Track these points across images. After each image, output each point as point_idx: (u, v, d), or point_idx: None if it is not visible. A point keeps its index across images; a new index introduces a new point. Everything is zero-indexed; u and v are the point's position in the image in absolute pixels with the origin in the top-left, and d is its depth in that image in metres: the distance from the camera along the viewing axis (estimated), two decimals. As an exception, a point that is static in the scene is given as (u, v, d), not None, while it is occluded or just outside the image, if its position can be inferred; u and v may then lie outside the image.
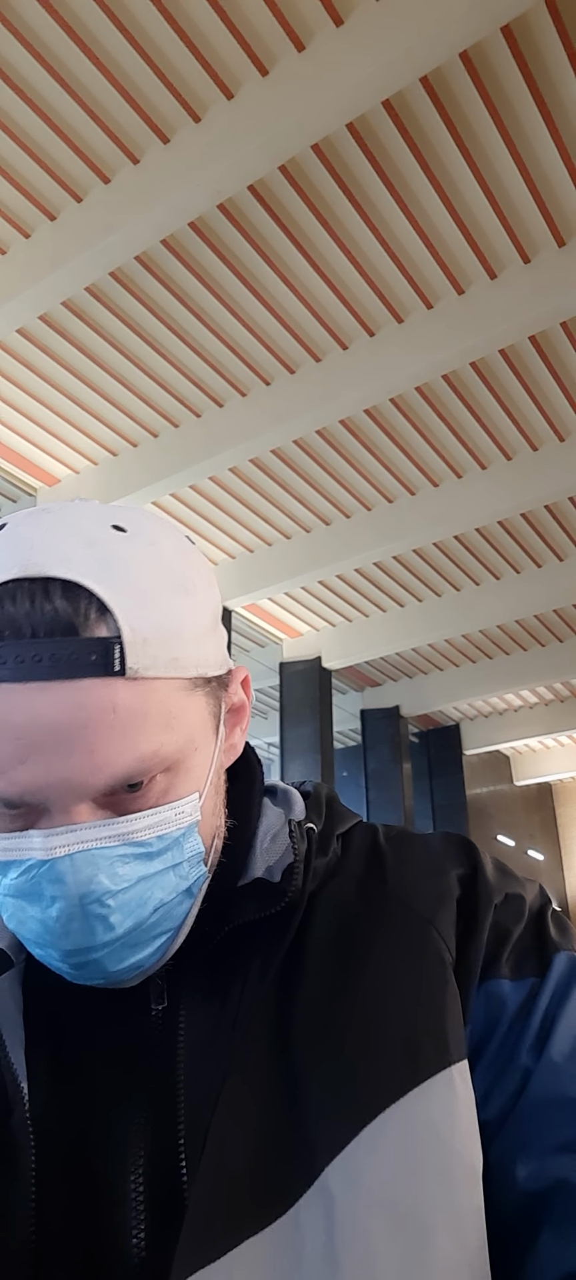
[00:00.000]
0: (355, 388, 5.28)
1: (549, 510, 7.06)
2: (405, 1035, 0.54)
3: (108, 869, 0.51)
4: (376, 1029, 0.55)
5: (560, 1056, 0.54)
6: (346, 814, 0.69)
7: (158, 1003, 0.58)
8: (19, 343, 5.23)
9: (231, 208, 4.38)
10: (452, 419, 5.96)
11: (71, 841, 0.50)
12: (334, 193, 4.32)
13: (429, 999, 0.56)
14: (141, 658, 0.50)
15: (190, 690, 0.54)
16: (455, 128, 4.00)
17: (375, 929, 0.59)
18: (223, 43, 3.61)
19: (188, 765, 0.55)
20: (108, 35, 3.58)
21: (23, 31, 3.57)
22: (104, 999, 0.57)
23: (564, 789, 15.14)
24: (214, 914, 0.58)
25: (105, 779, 0.50)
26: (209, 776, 0.57)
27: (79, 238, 4.28)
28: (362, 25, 3.47)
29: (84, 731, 0.49)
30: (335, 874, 0.63)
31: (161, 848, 0.54)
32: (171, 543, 0.57)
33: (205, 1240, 0.48)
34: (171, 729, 0.53)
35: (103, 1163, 0.53)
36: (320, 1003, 0.56)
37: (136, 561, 0.52)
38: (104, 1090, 0.56)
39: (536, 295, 4.66)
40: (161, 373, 5.51)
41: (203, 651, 0.56)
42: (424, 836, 0.67)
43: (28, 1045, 0.57)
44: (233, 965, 0.58)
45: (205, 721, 0.57)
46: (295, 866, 0.58)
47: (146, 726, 0.51)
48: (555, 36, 3.66)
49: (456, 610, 8.47)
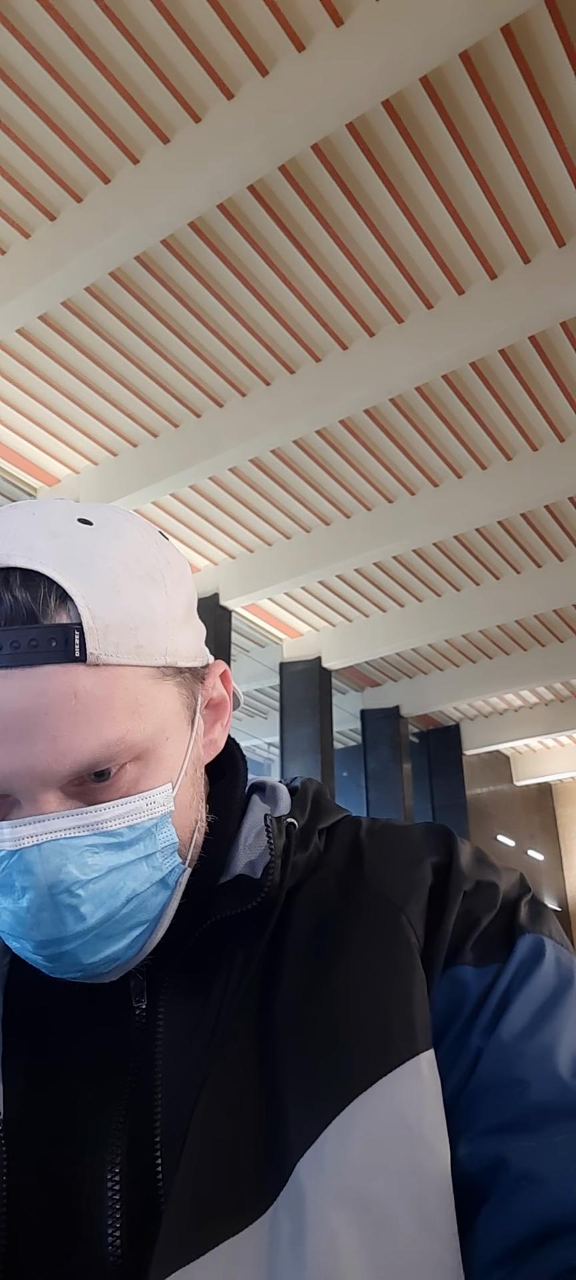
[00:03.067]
0: (355, 388, 5.28)
1: (549, 510, 7.06)
2: (376, 1025, 0.54)
3: (77, 859, 0.51)
4: (348, 1020, 0.54)
5: (509, 1036, 0.53)
6: (332, 808, 0.68)
7: (138, 1001, 0.57)
8: (19, 343, 5.23)
9: (231, 208, 4.38)
10: (452, 419, 5.96)
11: (39, 832, 0.50)
12: (334, 193, 4.32)
13: (399, 988, 0.55)
14: (103, 644, 0.51)
15: (159, 679, 0.54)
16: (455, 128, 4.00)
17: (352, 922, 0.59)
18: (223, 43, 3.61)
19: (159, 755, 0.55)
20: (108, 35, 3.58)
21: (23, 31, 3.57)
22: (86, 998, 0.57)
23: (564, 789, 15.14)
24: (195, 910, 0.58)
25: (69, 765, 0.50)
26: (183, 768, 0.57)
27: (79, 238, 4.27)
28: (362, 25, 3.47)
29: (46, 718, 0.49)
30: (316, 868, 0.62)
31: (133, 838, 0.53)
32: (139, 535, 0.56)
33: (183, 1241, 0.48)
34: (139, 716, 0.53)
35: (79, 1164, 0.53)
36: (297, 999, 0.55)
37: (101, 552, 0.53)
38: (83, 1091, 0.55)
39: (536, 295, 4.66)
40: (161, 373, 5.51)
41: (173, 641, 0.55)
42: (405, 827, 0.67)
43: (5, 1051, 0.57)
44: (214, 963, 0.57)
45: (178, 712, 0.57)
46: (272, 862, 0.57)
47: (111, 713, 0.51)
48: (555, 36, 3.66)
49: (456, 610, 8.47)
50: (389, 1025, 0.54)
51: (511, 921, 0.59)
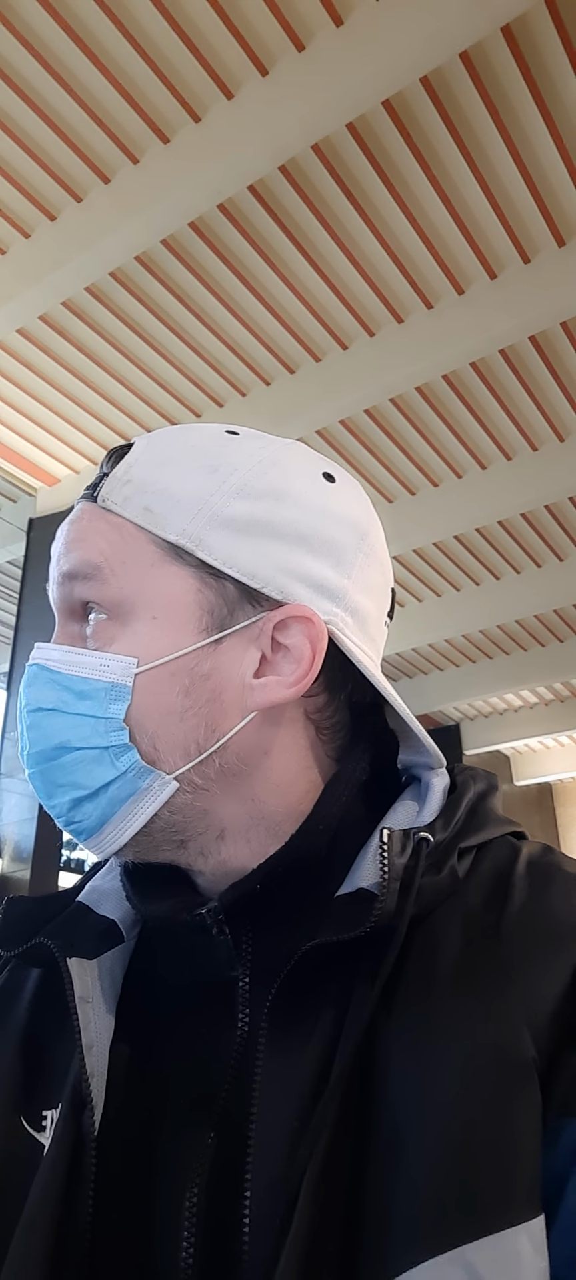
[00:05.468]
0: (355, 388, 5.28)
1: (549, 510, 7.05)
2: (466, 1163, 0.42)
3: (39, 687, 0.55)
4: (438, 1140, 0.43)
5: None
6: (490, 819, 0.57)
7: (243, 1010, 0.52)
8: (19, 343, 5.23)
9: (231, 208, 4.38)
10: (452, 419, 5.96)
11: (37, 655, 0.56)
12: (334, 193, 4.31)
13: (501, 1120, 0.42)
14: (113, 493, 0.55)
15: (168, 557, 0.54)
16: (455, 128, 4.00)
17: (467, 993, 0.47)
18: (223, 43, 3.61)
19: (136, 627, 0.53)
20: (108, 35, 3.58)
21: (23, 31, 3.57)
22: (194, 1000, 0.54)
23: (564, 789, 15.13)
24: (302, 917, 0.51)
25: (58, 577, 0.56)
26: (166, 661, 0.53)
27: (79, 238, 4.27)
28: (362, 25, 3.46)
29: (65, 542, 0.57)
30: (449, 896, 0.52)
31: (81, 689, 0.53)
32: (250, 444, 0.59)
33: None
34: (122, 569, 0.54)
35: (161, 1174, 0.49)
36: (395, 1083, 0.45)
37: (188, 437, 0.58)
38: (176, 1105, 0.51)
39: (536, 295, 4.65)
40: (161, 373, 5.51)
41: (203, 531, 0.53)
42: (570, 870, 0.53)
43: (114, 1040, 0.53)
44: (321, 991, 0.50)
45: (184, 604, 0.53)
46: (386, 883, 0.49)
47: (95, 541, 0.55)
48: (555, 36, 3.65)
49: (456, 610, 8.46)
50: (478, 1166, 0.41)
51: None
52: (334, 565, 0.57)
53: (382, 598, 0.63)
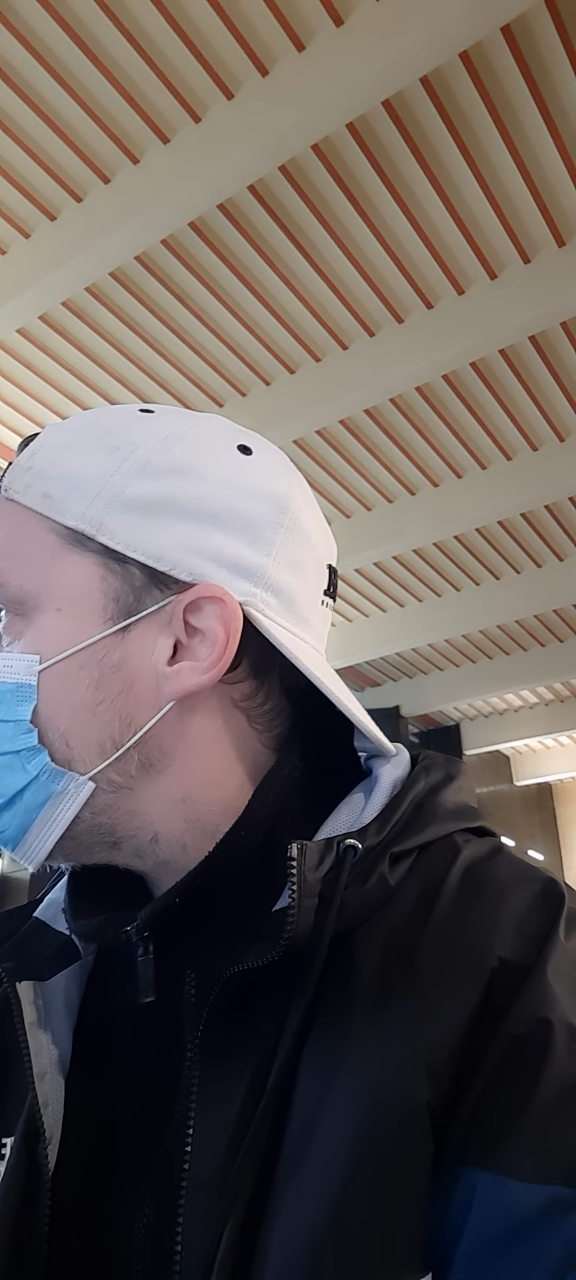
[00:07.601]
0: (355, 388, 5.28)
1: (549, 510, 7.05)
2: (350, 1214, 0.39)
3: None
4: (326, 1188, 0.40)
5: None
6: (438, 817, 0.52)
7: (192, 1031, 0.49)
8: (19, 343, 5.23)
9: (231, 208, 4.38)
10: (452, 419, 5.96)
11: None
12: (334, 193, 4.31)
13: (383, 1172, 0.39)
14: (15, 481, 0.53)
15: (69, 544, 0.51)
16: (455, 128, 4.00)
17: (374, 1026, 0.43)
18: (223, 43, 3.61)
19: (40, 622, 0.51)
20: (108, 35, 3.58)
21: (23, 31, 3.57)
22: (148, 1023, 0.51)
23: (564, 789, 15.13)
24: (230, 934, 0.49)
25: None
26: (70, 654, 0.50)
27: (79, 238, 4.27)
28: (362, 25, 3.46)
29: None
30: (379, 908, 0.48)
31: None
32: (158, 420, 0.54)
33: None
34: (20, 562, 0.51)
35: (114, 1217, 0.47)
36: (304, 1126, 0.42)
37: (95, 418, 0.55)
38: (124, 1135, 0.50)
39: (536, 295, 4.65)
40: (161, 372, 5.51)
41: (103, 514, 0.50)
42: (506, 881, 0.49)
43: (72, 1065, 0.51)
44: (258, 1012, 0.47)
45: (88, 593, 0.51)
46: (295, 904, 0.44)
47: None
48: (555, 36, 3.65)
49: (456, 610, 8.47)
50: (359, 1223, 0.38)
51: None
52: (250, 543, 0.53)
53: (315, 575, 0.57)
